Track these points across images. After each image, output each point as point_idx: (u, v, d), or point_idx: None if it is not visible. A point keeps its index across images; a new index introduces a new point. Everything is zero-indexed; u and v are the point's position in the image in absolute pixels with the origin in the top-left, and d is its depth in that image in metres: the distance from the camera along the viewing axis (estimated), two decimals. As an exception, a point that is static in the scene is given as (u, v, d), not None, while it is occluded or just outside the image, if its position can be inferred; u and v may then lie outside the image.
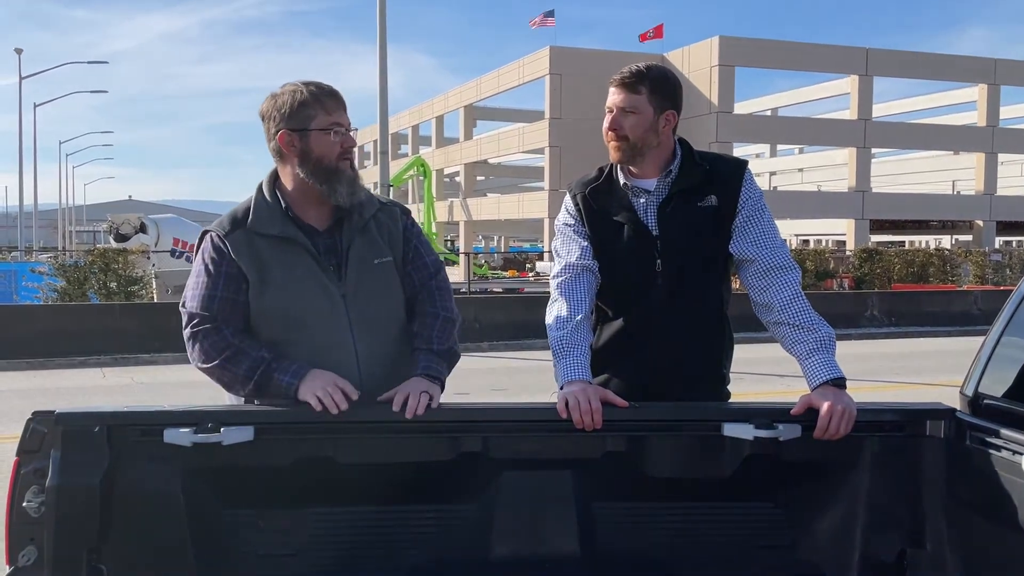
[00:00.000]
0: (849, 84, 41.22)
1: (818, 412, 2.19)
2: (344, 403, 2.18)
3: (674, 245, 2.48)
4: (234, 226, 2.33)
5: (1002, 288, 19.50)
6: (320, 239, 2.36)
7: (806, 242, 46.87)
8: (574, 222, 2.58)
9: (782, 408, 2.25)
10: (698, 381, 2.54)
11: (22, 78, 41.33)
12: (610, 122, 2.48)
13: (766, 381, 9.46)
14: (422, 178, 43.85)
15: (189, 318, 2.30)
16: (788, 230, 46.29)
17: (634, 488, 2.32)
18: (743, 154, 46.00)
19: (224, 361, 2.26)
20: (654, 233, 2.49)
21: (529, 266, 39.78)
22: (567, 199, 2.63)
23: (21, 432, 2.08)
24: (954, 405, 2.36)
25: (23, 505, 2.06)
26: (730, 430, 2.21)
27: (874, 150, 42.23)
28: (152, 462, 2.12)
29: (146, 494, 2.13)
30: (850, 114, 41.02)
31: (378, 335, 2.38)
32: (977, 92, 42.69)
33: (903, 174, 54.73)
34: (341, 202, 2.32)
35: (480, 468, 2.26)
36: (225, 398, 2.48)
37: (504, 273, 38.56)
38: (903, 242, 44.61)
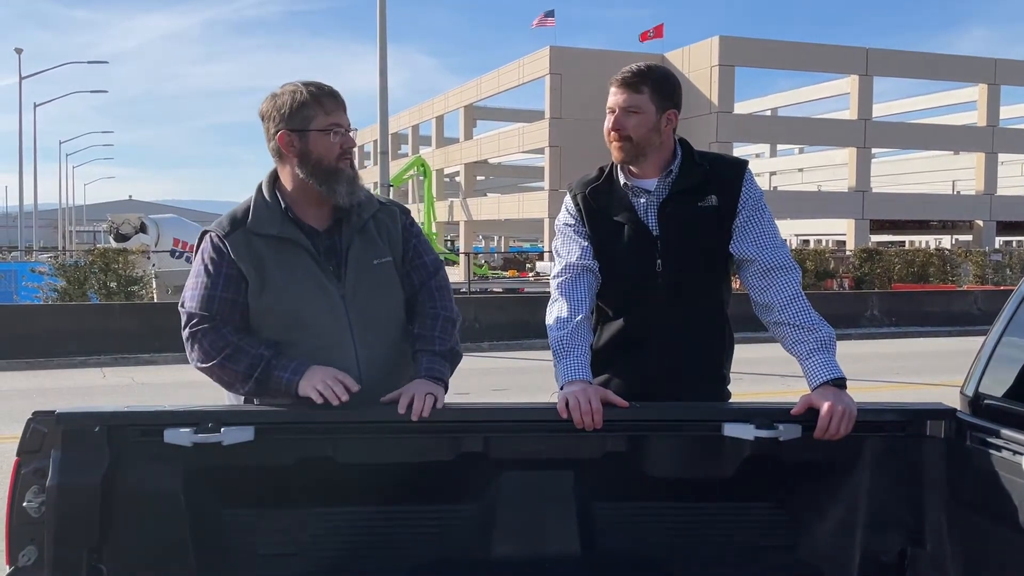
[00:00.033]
0: (849, 84, 41.21)
1: (818, 412, 2.19)
2: (345, 395, 2.17)
3: (674, 245, 2.48)
4: (233, 226, 2.33)
5: (1002, 288, 19.49)
6: (320, 239, 2.36)
7: (806, 242, 46.87)
8: (574, 222, 2.58)
9: (782, 408, 2.24)
10: (698, 381, 2.54)
11: (22, 78, 41.36)
12: (613, 122, 2.47)
13: (766, 381, 9.46)
14: (422, 178, 43.88)
15: (188, 318, 2.30)
16: (788, 230, 46.27)
17: (634, 488, 2.32)
18: (743, 154, 46.00)
19: (224, 359, 2.25)
20: (654, 233, 2.49)
21: (529, 266, 39.78)
22: (567, 199, 2.62)
23: (21, 432, 2.08)
24: (954, 405, 2.36)
25: (23, 505, 2.05)
26: (730, 430, 2.21)
27: (874, 150, 42.23)
28: (152, 462, 2.12)
29: (146, 494, 2.13)
30: (850, 114, 41.01)
31: (378, 335, 2.38)
32: (977, 92, 42.70)
33: (903, 174, 54.73)
34: (340, 202, 2.32)
35: (480, 468, 2.26)
36: (225, 398, 2.48)
37: (504, 273, 38.57)
38: (903, 242, 44.59)
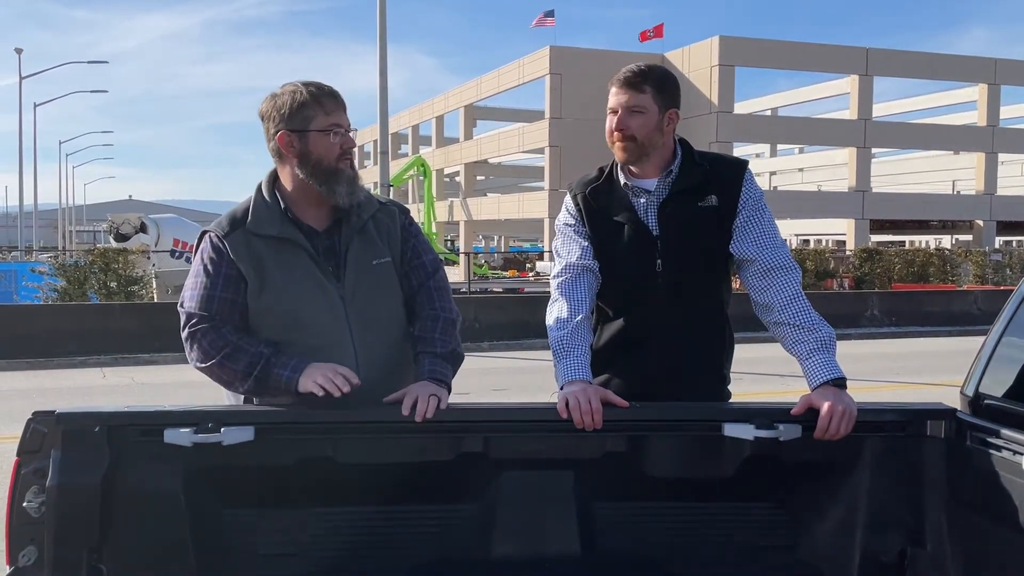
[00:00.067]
0: (849, 84, 41.20)
1: (818, 412, 2.19)
2: (346, 386, 2.17)
3: (674, 245, 2.47)
4: (233, 227, 2.33)
5: (1002, 288, 19.48)
6: (319, 240, 2.36)
7: (806, 242, 46.87)
8: (574, 222, 2.58)
9: (782, 408, 2.24)
10: (698, 381, 2.54)
11: (22, 78, 41.37)
12: (616, 122, 2.46)
13: (766, 381, 9.46)
14: (422, 178, 43.87)
15: (188, 318, 2.30)
16: (788, 230, 46.28)
17: (634, 488, 2.32)
18: (743, 154, 45.98)
19: (223, 358, 2.25)
20: (654, 233, 2.49)
21: (529, 266, 39.75)
22: (567, 199, 2.62)
23: (21, 432, 2.08)
24: (955, 405, 2.36)
25: (23, 505, 2.05)
26: (730, 430, 2.21)
27: (874, 150, 42.22)
28: (152, 462, 2.12)
29: (146, 494, 2.12)
30: (850, 114, 41.00)
31: (378, 335, 2.38)
32: (977, 92, 42.69)
33: (903, 174, 54.71)
34: (340, 203, 2.32)
35: (480, 468, 2.26)
36: (224, 398, 2.47)
37: (504, 273, 38.53)
38: (903, 242, 44.58)
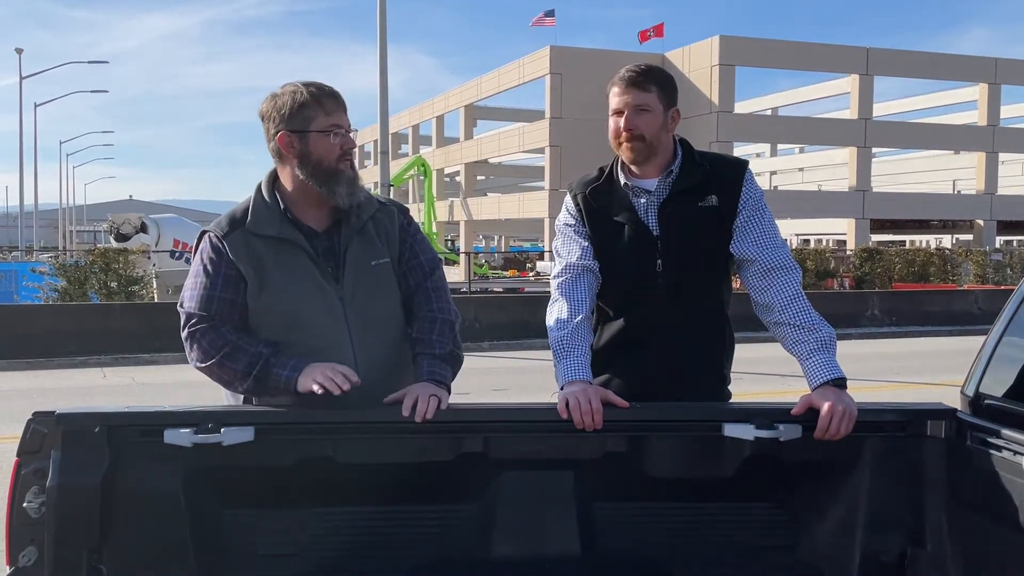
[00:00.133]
0: (849, 84, 41.18)
1: (819, 412, 2.19)
2: (346, 384, 2.16)
3: (674, 245, 2.47)
4: (232, 227, 2.33)
5: (1003, 288, 19.48)
6: (318, 241, 2.36)
7: (806, 242, 46.87)
8: (575, 222, 2.57)
9: (783, 408, 2.24)
10: (698, 381, 2.54)
11: (22, 78, 41.38)
12: (625, 122, 2.46)
13: (766, 381, 9.46)
14: (422, 178, 43.84)
15: (187, 318, 2.30)
16: (788, 230, 46.27)
17: (634, 488, 2.32)
18: (743, 154, 45.99)
19: (223, 358, 2.25)
20: (655, 233, 2.49)
21: (529, 266, 39.72)
22: (568, 199, 2.62)
23: (21, 432, 2.08)
24: (955, 405, 2.36)
25: (23, 505, 2.05)
26: (731, 430, 2.21)
27: (874, 150, 42.20)
28: (152, 462, 2.12)
29: (146, 494, 2.12)
30: (850, 114, 40.98)
31: (377, 336, 2.38)
32: (978, 91, 42.66)
33: (903, 174, 54.69)
34: (340, 203, 2.32)
35: (480, 468, 2.26)
36: (224, 398, 2.47)
37: (504, 273, 38.49)
38: (904, 242, 44.59)
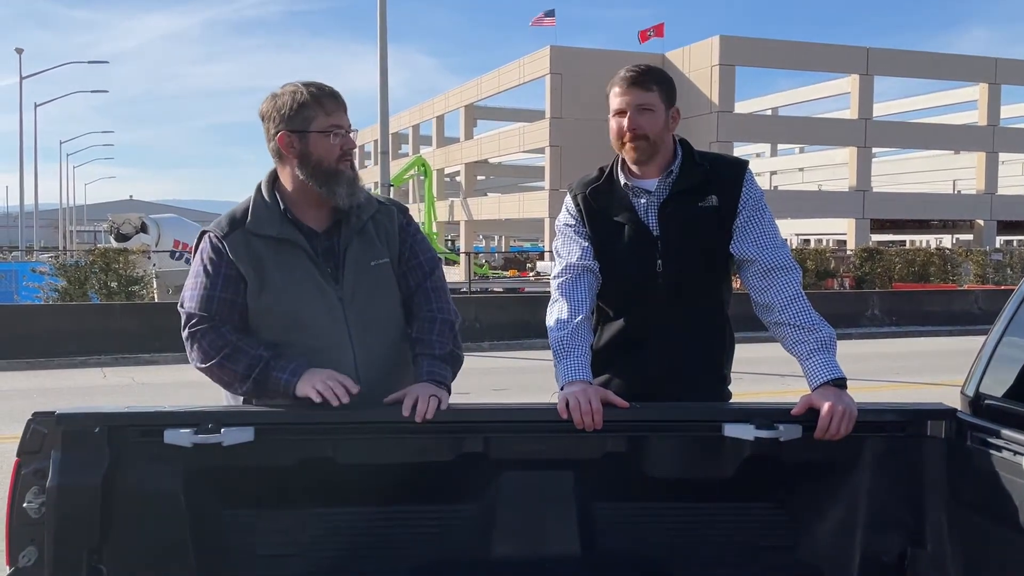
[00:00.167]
0: (849, 83, 41.17)
1: (819, 412, 2.19)
2: (345, 396, 2.16)
3: (675, 245, 2.47)
4: (232, 227, 2.33)
5: (1003, 288, 19.48)
6: (318, 241, 2.36)
7: (807, 241, 46.86)
8: (575, 222, 2.57)
9: (783, 408, 2.24)
10: (699, 381, 2.54)
11: (23, 78, 41.38)
12: (628, 122, 2.45)
13: (766, 381, 9.46)
14: (423, 178, 43.85)
15: (188, 318, 2.30)
16: (788, 229, 46.26)
17: (634, 488, 2.32)
18: (743, 154, 45.99)
19: (223, 359, 2.25)
20: (655, 233, 2.49)
21: (530, 266, 39.72)
22: (568, 199, 2.62)
23: (21, 432, 2.08)
24: (955, 405, 2.36)
25: (23, 506, 2.05)
26: (731, 430, 2.21)
27: (874, 149, 42.19)
28: (152, 463, 2.12)
29: (146, 495, 2.12)
30: (850, 113, 40.98)
31: (376, 336, 2.38)
32: (978, 91, 42.65)
33: (903, 173, 54.68)
34: (340, 204, 2.31)
35: (480, 468, 2.26)
36: (223, 398, 2.48)
37: (505, 273, 38.51)
38: (904, 241, 44.59)
